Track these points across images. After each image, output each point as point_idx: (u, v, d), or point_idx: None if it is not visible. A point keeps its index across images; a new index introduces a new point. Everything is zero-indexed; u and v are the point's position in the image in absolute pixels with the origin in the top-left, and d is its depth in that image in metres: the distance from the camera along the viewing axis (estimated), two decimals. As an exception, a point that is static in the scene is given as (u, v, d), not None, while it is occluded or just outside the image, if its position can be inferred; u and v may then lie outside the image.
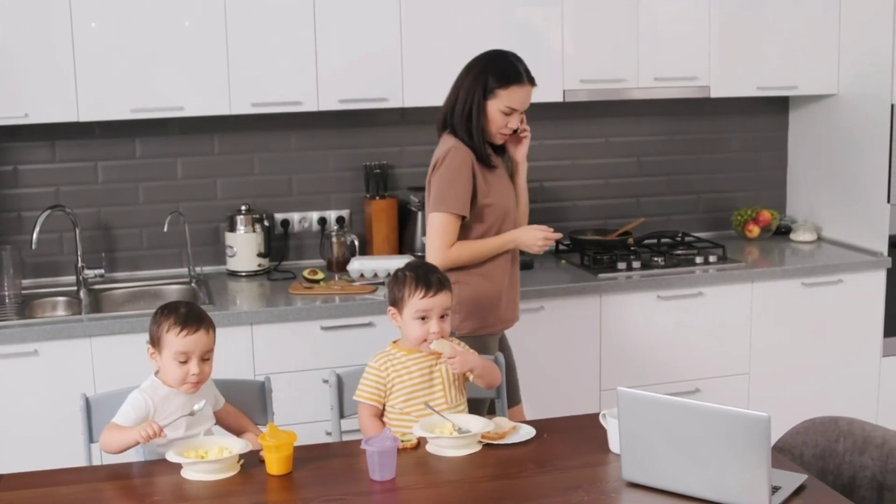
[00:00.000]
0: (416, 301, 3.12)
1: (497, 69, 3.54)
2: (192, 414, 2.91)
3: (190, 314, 2.97)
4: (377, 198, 4.72)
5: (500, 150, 3.69)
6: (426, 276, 3.16)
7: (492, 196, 3.57)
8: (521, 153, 3.68)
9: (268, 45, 4.25)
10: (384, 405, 3.15)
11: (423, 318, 3.13)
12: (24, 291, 4.37)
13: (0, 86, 4.04)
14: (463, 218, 3.52)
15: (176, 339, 2.92)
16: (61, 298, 4.38)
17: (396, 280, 3.20)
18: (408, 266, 3.26)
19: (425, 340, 3.12)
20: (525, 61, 3.60)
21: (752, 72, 4.78)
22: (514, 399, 3.72)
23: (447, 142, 3.60)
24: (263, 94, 4.27)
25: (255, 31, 4.23)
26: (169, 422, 2.89)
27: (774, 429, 2.98)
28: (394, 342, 3.24)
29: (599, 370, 4.41)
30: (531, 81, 3.57)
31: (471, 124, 3.55)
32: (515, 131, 3.63)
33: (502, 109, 3.53)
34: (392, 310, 3.21)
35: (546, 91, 4.50)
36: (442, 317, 3.15)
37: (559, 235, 3.66)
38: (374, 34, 4.34)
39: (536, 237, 3.57)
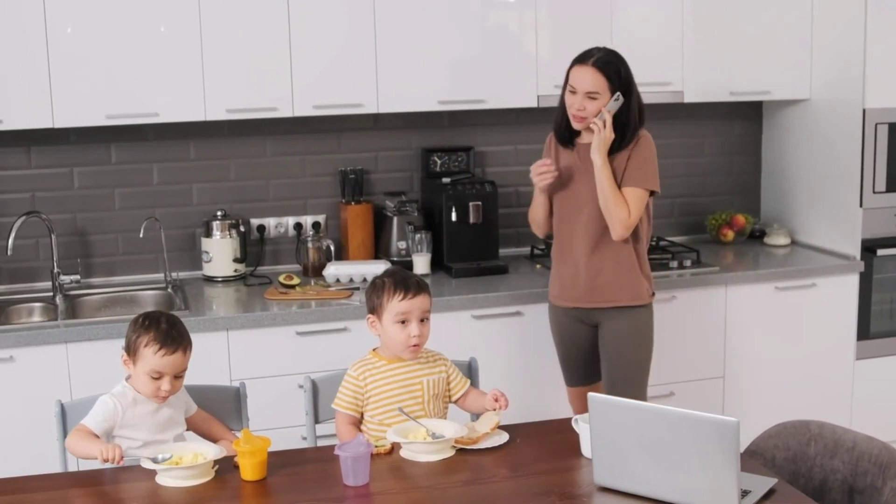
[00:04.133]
0: (395, 304, 3.12)
1: (581, 52, 3.73)
2: (155, 461, 2.83)
3: (170, 333, 2.97)
4: (353, 203, 4.73)
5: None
6: (404, 280, 3.17)
7: (563, 175, 3.80)
8: (592, 147, 3.68)
9: (243, 52, 4.25)
10: (362, 414, 3.16)
11: (402, 322, 3.12)
12: (-1, 297, 4.37)
13: (-26, 92, 4.04)
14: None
15: (153, 357, 2.92)
16: (37, 304, 4.38)
17: (374, 287, 3.20)
18: (384, 273, 3.28)
19: (408, 346, 3.12)
20: (600, 50, 3.70)
21: (725, 77, 4.82)
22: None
23: None
24: (238, 101, 4.28)
25: (230, 37, 4.23)
26: (139, 437, 2.90)
27: (749, 432, 3.02)
28: (373, 350, 3.24)
29: (574, 374, 4.43)
30: (594, 64, 3.64)
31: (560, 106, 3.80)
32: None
33: (569, 89, 3.69)
34: (371, 317, 3.20)
35: (520, 96, 4.55)
36: (422, 320, 3.15)
37: (547, 163, 3.76)
38: (349, 40, 4.35)
39: (532, 175, 3.78)
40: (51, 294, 4.39)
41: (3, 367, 3.86)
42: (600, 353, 3.89)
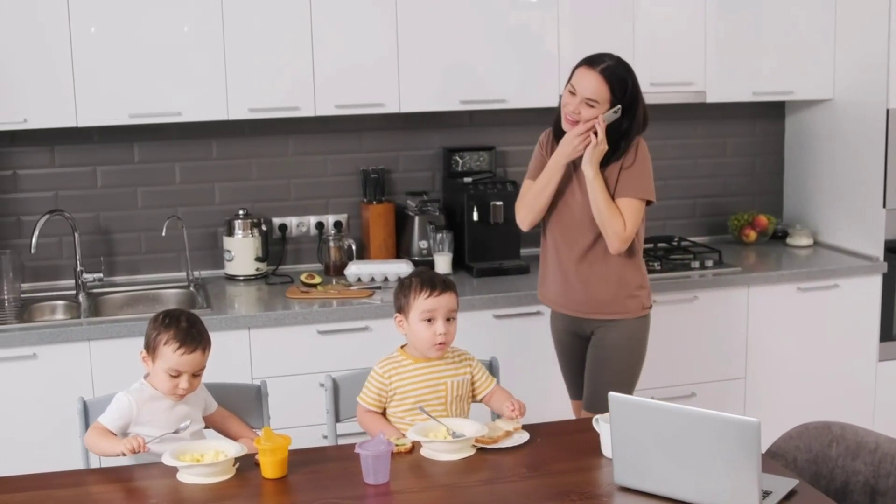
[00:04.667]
0: (421, 301, 3.13)
1: (593, 53, 3.61)
2: (176, 432, 2.92)
3: (190, 332, 2.98)
4: (374, 202, 4.73)
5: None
6: (431, 278, 3.18)
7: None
8: (584, 159, 3.55)
9: (265, 51, 4.27)
10: (385, 410, 3.17)
11: (429, 321, 3.13)
12: (23, 295, 4.39)
13: (-1, 91, 4.07)
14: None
15: (172, 355, 2.93)
16: (60, 302, 4.40)
17: (402, 286, 3.22)
18: (412, 272, 3.30)
19: (434, 344, 3.13)
20: (612, 58, 3.57)
21: (747, 77, 4.80)
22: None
23: None
24: (261, 100, 4.29)
25: (253, 36, 4.25)
26: (155, 434, 2.90)
27: (771, 433, 3.01)
28: (401, 347, 3.24)
29: (595, 374, 4.43)
30: (602, 73, 3.51)
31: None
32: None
33: (569, 88, 3.56)
34: (398, 316, 3.20)
35: (542, 96, 4.54)
36: (449, 319, 3.15)
37: (591, 124, 3.52)
38: (371, 39, 4.36)
39: (571, 139, 3.55)
40: (74, 292, 4.41)
41: (27, 364, 3.89)
42: (586, 363, 3.77)
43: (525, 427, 3.03)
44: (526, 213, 3.75)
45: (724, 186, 5.32)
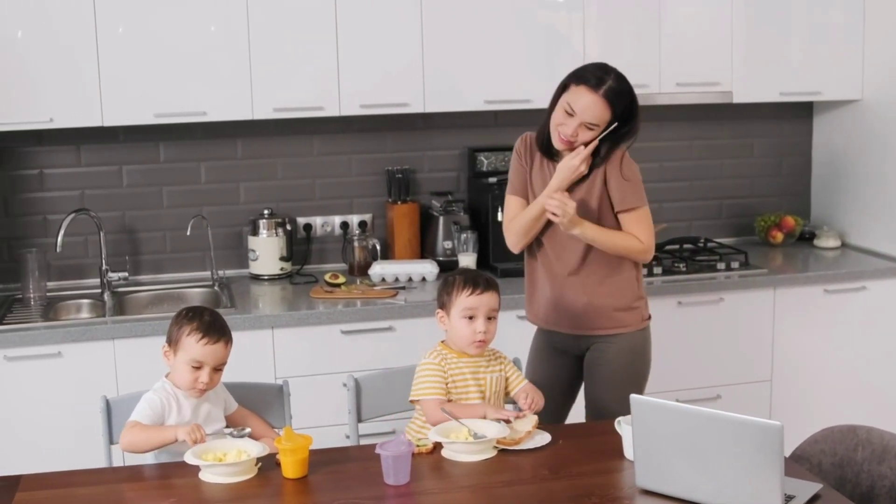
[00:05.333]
0: (463, 299, 3.12)
1: (582, 68, 3.43)
2: (231, 434, 2.94)
3: (213, 324, 2.99)
4: (399, 202, 4.73)
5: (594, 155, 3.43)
6: (474, 277, 3.18)
7: (535, 187, 3.52)
8: (561, 224, 3.36)
9: (290, 51, 4.27)
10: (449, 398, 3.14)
11: (470, 318, 3.12)
12: (48, 294, 4.41)
13: (26, 91, 4.09)
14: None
15: (195, 346, 2.94)
16: (85, 301, 4.43)
17: (445, 283, 3.21)
18: (456, 270, 3.31)
19: (474, 342, 3.13)
20: (611, 75, 3.37)
21: (775, 77, 4.77)
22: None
23: None
24: (286, 99, 4.30)
25: (278, 36, 4.25)
26: (175, 448, 2.91)
27: (796, 436, 2.99)
28: (442, 342, 3.22)
29: (620, 376, 4.41)
30: (605, 95, 3.32)
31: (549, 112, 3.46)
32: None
33: (564, 106, 3.35)
34: (440, 312, 3.20)
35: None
36: (490, 318, 3.14)
37: (593, 147, 3.36)
38: (396, 39, 4.36)
39: (573, 165, 3.36)
40: (99, 291, 4.43)
41: (52, 362, 3.91)
42: (585, 381, 3.61)
43: (546, 428, 3.02)
44: (518, 239, 3.55)
45: (751, 187, 5.28)
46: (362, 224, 4.80)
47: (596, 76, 3.36)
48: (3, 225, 4.51)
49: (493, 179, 4.67)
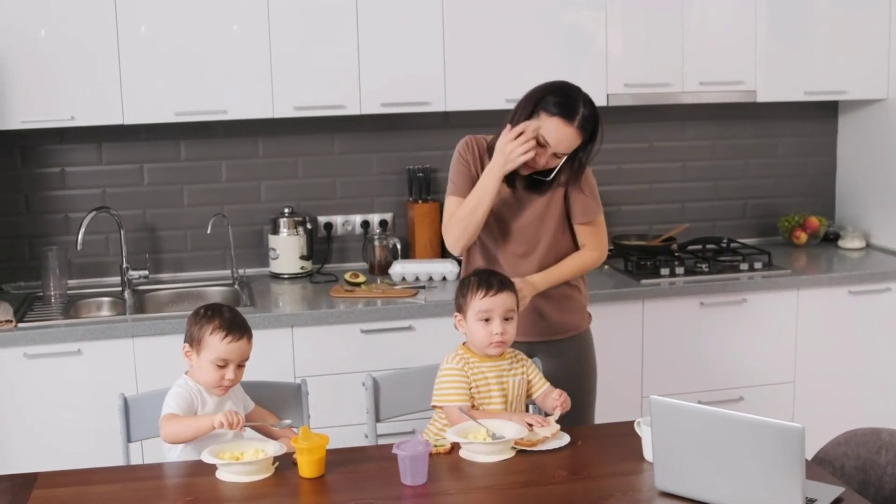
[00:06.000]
0: (478, 302, 3.10)
1: (551, 93, 3.30)
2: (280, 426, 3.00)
3: (234, 321, 2.99)
4: (420, 201, 4.72)
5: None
6: (487, 278, 3.15)
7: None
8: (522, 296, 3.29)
9: (311, 49, 4.26)
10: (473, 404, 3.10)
11: (486, 320, 3.10)
12: (69, 292, 4.41)
13: (47, 89, 4.09)
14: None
15: (220, 344, 2.94)
16: (106, 299, 4.43)
17: (461, 285, 3.20)
18: (473, 271, 3.26)
19: (491, 343, 3.10)
20: (583, 102, 3.29)
21: (799, 76, 4.72)
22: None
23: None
24: (306, 98, 4.29)
25: (299, 34, 4.25)
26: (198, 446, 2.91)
27: (819, 439, 2.96)
28: (463, 344, 3.20)
29: (641, 377, 4.38)
30: (579, 126, 3.27)
31: (515, 108, 3.38)
32: (547, 173, 3.36)
33: (539, 138, 3.28)
34: (458, 315, 3.18)
35: (590, 95, 4.48)
36: (507, 319, 3.12)
37: (534, 134, 3.27)
38: (418, 37, 4.34)
39: (510, 148, 3.26)
40: (119, 289, 4.43)
41: (71, 360, 3.91)
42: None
43: (566, 429, 3.00)
44: (458, 236, 3.42)
45: (775, 187, 5.24)
46: (383, 223, 4.79)
47: (568, 106, 3.27)
48: (25, 223, 4.52)
49: (514, 179, 4.64)
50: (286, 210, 4.61)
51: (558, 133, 3.27)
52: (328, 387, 3.93)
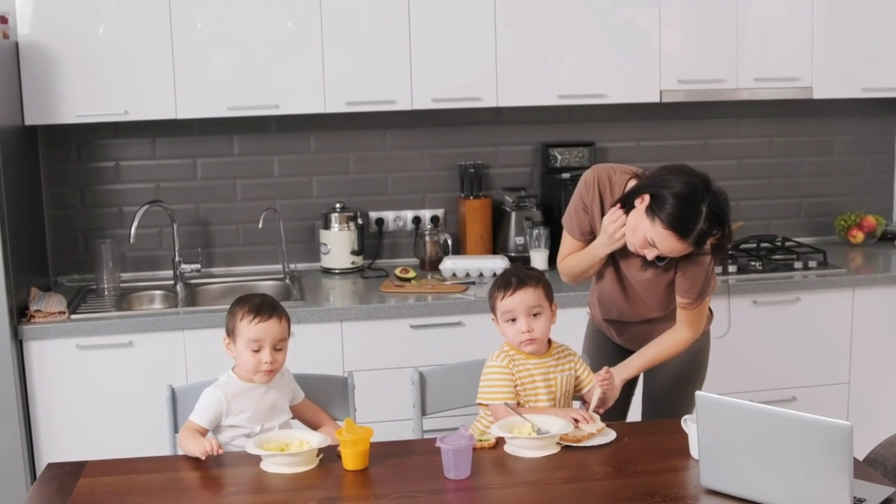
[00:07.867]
0: (499, 303, 3.09)
1: (680, 206, 2.96)
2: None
3: (263, 304, 3.01)
4: (471, 197, 4.71)
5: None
6: (506, 278, 3.11)
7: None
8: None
9: (362, 44, 4.27)
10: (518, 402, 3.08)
11: (512, 320, 3.08)
12: (122, 285, 4.46)
13: (102, 84, 4.14)
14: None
15: (249, 327, 2.95)
16: (158, 292, 4.47)
17: (490, 287, 3.18)
18: (502, 271, 3.23)
19: (521, 342, 3.07)
20: (709, 215, 2.98)
21: (857, 73, 4.65)
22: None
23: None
24: (358, 93, 4.29)
25: (351, 30, 4.25)
26: (244, 424, 2.95)
27: (873, 441, 2.91)
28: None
29: (692, 375, 4.34)
30: (695, 243, 3.00)
31: (633, 191, 3.13)
32: (654, 262, 3.15)
33: (649, 240, 3.03)
34: (493, 317, 3.16)
35: (643, 91, 4.47)
36: (535, 315, 3.06)
37: (619, 219, 3.13)
38: (470, 33, 4.33)
39: (612, 231, 3.15)
40: (172, 282, 4.47)
41: (123, 351, 3.95)
42: (645, 378, 3.54)
43: (611, 426, 2.97)
44: (569, 280, 3.45)
45: (831, 186, 5.17)
46: (434, 219, 4.78)
47: (685, 223, 2.97)
48: (80, 216, 4.57)
49: (566, 175, 4.61)
50: (337, 205, 4.62)
51: (669, 244, 3.02)
52: (377, 382, 3.94)
